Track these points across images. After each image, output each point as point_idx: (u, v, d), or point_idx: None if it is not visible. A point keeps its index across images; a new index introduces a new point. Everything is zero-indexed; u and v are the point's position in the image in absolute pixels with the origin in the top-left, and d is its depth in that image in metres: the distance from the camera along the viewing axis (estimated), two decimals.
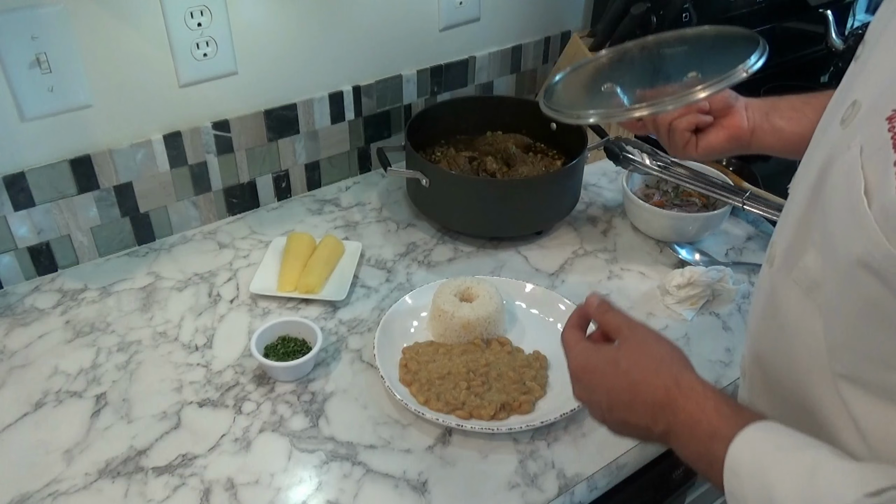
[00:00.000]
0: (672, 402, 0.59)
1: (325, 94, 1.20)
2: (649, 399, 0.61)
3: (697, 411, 0.58)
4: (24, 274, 1.05)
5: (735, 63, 0.82)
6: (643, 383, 0.61)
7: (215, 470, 0.79)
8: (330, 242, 1.08)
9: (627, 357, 0.64)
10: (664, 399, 0.60)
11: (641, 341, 0.65)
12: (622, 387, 0.63)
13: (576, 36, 1.28)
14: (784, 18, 1.70)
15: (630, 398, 0.62)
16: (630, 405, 0.62)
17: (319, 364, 0.92)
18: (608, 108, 0.89)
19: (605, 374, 0.64)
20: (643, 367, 0.62)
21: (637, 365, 0.63)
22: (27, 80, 0.94)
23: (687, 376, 0.60)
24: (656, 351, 0.64)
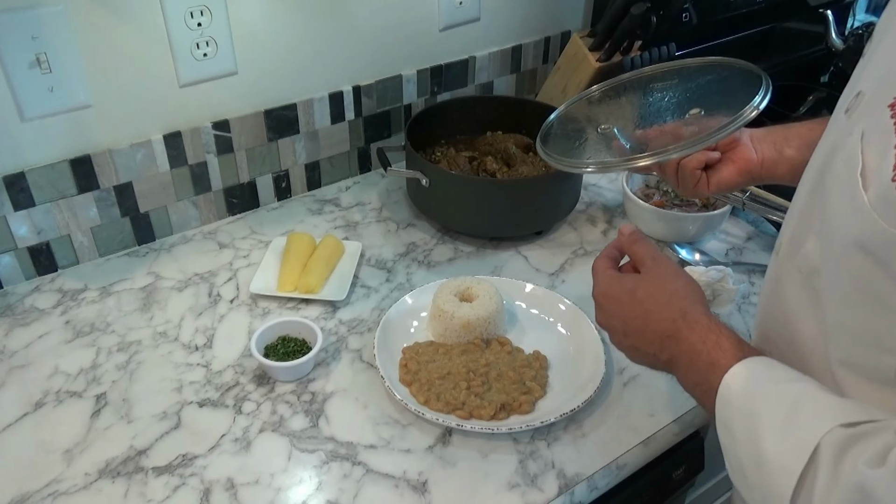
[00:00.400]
0: (677, 332, 0.64)
1: (325, 94, 1.20)
2: (658, 329, 0.65)
3: (699, 343, 0.62)
4: (24, 274, 1.05)
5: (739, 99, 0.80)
6: (654, 313, 0.66)
7: (215, 470, 0.79)
8: (330, 242, 1.08)
9: (644, 288, 0.68)
10: (670, 329, 0.64)
11: (660, 275, 0.69)
12: (636, 315, 0.68)
13: (576, 36, 1.28)
14: (784, 18, 1.70)
15: (642, 326, 0.67)
16: (641, 333, 0.67)
17: (319, 364, 0.92)
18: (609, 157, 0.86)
19: (623, 303, 0.69)
20: (656, 299, 0.67)
21: (651, 297, 0.67)
22: (27, 80, 0.94)
23: (694, 310, 0.65)
24: (671, 285, 0.68)
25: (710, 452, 0.99)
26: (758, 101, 0.80)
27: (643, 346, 0.68)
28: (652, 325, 0.66)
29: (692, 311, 0.65)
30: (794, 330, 0.61)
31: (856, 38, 1.70)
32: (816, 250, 0.57)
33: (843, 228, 0.51)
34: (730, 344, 0.60)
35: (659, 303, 0.67)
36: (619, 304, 0.70)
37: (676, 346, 0.64)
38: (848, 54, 1.71)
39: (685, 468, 0.94)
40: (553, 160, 0.88)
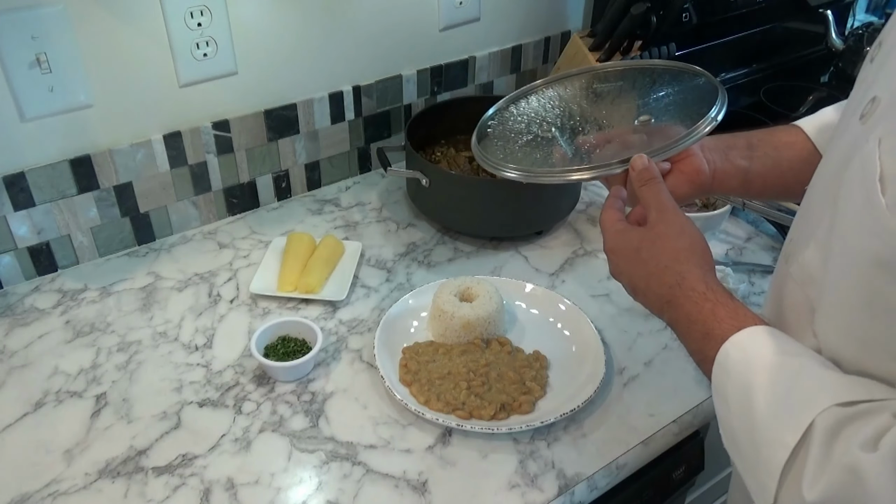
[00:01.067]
0: (674, 299, 0.63)
1: (325, 94, 1.20)
2: (658, 292, 0.65)
3: (694, 312, 0.61)
4: (24, 274, 1.05)
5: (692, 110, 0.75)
6: (654, 276, 0.65)
7: (215, 470, 0.79)
8: (330, 242, 1.08)
9: (648, 247, 0.67)
10: (668, 295, 0.64)
11: (662, 232, 0.67)
12: (640, 275, 0.67)
13: (576, 36, 1.28)
14: (784, 18, 1.69)
15: (645, 287, 0.67)
16: (645, 292, 0.67)
17: (319, 364, 0.92)
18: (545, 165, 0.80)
19: (629, 260, 0.68)
20: (657, 261, 0.66)
21: (653, 257, 0.66)
22: (27, 80, 0.94)
23: (692, 276, 0.63)
24: (673, 244, 0.66)
25: (710, 452, 0.99)
26: (714, 113, 0.75)
27: (649, 304, 0.68)
28: (654, 287, 0.66)
29: (690, 276, 0.63)
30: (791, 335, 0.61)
31: (856, 38, 1.70)
32: (816, 259, 0.56)
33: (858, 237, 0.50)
34: (725, 313, 0.59)
35: (660, 265, 0.65)
36: (626, 262, 0.69)
37: (674, 313, 0.64)
38: (848, 54, 1.71)
39: (685, 468, 0.94)
40: (481, 159, 0.82)
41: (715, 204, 1.14)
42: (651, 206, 0.70)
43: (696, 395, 0.89)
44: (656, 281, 0.65)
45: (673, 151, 0.75)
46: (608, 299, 1.04)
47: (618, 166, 0.74)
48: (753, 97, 1.63)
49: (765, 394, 0.52)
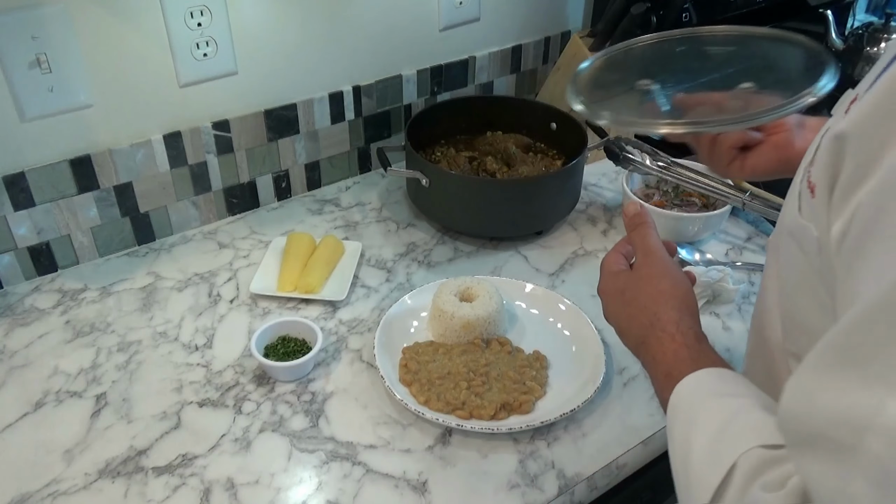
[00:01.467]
0: (646, 339, 0.64)
1: (325, 94, 1.20)
2: (635, 333, 0.66)
3: (659, 353, 0.61)
4: (24, 274, 1.05)
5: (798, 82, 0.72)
6: (634, 317, 0.66)
7: (215, 470, 0.79)
8: (330, 242, 1.08)
9: (631, 289, 0.68)
10: (642, 336, 0.64)
11: (645, 274, 0.68)
12: (623, 315, 0.68)
13: (576, 36, 1.28)
14: (784, 18, 1.69)
15: (626, 326, 0.68)
16: (626, 333, 0.68)
17: (319, 364, 0.92)
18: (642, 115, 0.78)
19: (616, 302, 0.70)
20: (637, 302, 0.66)
21: (635, 299, 0.67)
22: (27, 80, 0.94)
23: (666, 317, 0.63)
24: (654, 287, 0.67)
25: None
26: (820, 86, 0.71)
27: (629, 345, 0.68)
28: (633, 327, 0.66)
29: (663, 317, 0.63)
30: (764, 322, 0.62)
31: (856, 38, 1.70)
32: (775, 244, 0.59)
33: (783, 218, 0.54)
34: (687, 354, 0.60)
35: (639, 305, 0.66)
36: (613, 303, 0.70)
37: (645, 353, 0.64)
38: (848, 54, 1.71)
39: None
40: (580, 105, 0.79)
41: (715, 204, 1.14)
42: (639, 249, 0.71)
43: None
44: (635, 321, 0.66)
45: (767, 118, 0.72)
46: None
47: (714, 125, 0.73)
48: None
49: (702, 433, 0.52)
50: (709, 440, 0.51)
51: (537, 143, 1.28)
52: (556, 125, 1.24)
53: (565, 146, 1.23)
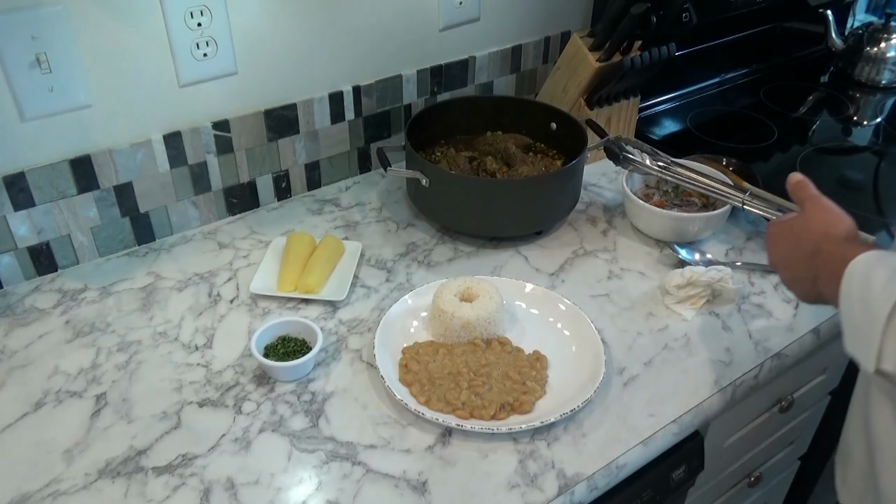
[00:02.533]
0: (819, 249, 0.75)
1: (325, 94, 1.20)
2: (806, 250, 0.77)
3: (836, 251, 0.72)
4: (24, 274, 1.05)
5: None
6: (804, 239, 0.78)
7: (215, 470, 0.79)
8: (330, 242, 1.08)
9: (800, 222, 0.80)
10: (813, 248, 0.76)
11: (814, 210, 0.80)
12: (791, 245, 0.80)
13: (576, 36, 1.28)
14: (784, 18, 1.70)
15: (794, 254, 0.79)
16: (796, 260, 0.79)
17: (319, 364, 0.92)
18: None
19: (783, 237, 0.82)
20: (807, 227, 0.78)
21: (804, 228, 0.79)
22: (27, 80, 0.94)
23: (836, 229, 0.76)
24: (823, 215, 0.79)
25: (710, 452, 0.99)
26: None
27: (797, 270, 0.79)
28: (801, 247, 0.77)
29: (836, 229, 0.76)
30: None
31: (856, 38, 1.70)
32: None
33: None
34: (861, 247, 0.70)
35: (808, 229, 0.78)
36: (781, 240, 0.82)
37: (819, 258, 0.74)
38: (848, 54, 1.71)
39: (685, 468, 0.94)
40: None
41: (715, 204, 1.14)
42: (805, 198, 0.81)
43: (696, 395, 0.89)
44: (804, 241, 0.77)
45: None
46: (608, 299, 1.04)
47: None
48: (753, 97, 1.63)
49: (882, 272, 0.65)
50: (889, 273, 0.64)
51: (537, 143, 1.28)
52: (556, 125, 1.24)
53: (565, 146, 1.23)
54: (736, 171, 1.24)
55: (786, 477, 1.39)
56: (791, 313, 1.02)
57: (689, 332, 0.99)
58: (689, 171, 1.13)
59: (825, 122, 1.56)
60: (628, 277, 1.08)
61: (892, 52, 1.66)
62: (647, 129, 1.47)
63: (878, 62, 1.67)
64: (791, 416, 1.19)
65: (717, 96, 1.63)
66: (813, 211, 0.80)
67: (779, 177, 1.29)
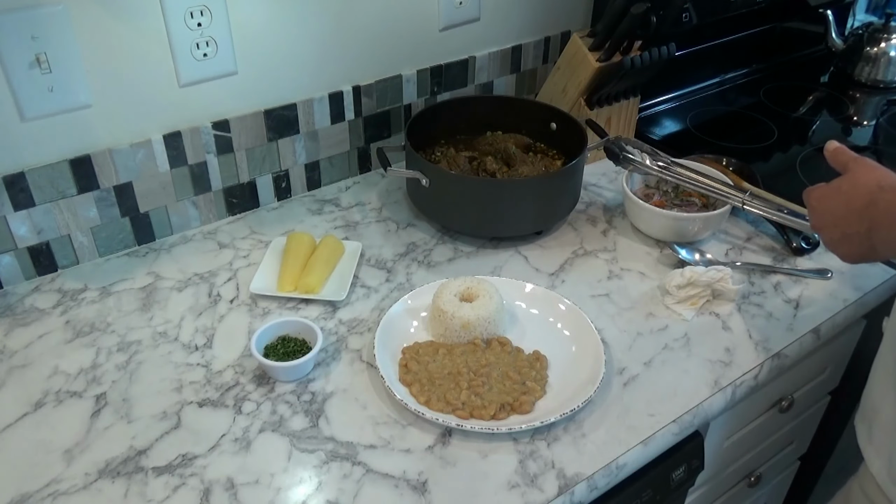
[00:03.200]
0: (874, 200, 0.76)
1: (325, 94, 1.20)
2: (857, 205, 0.77)
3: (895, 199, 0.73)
4: (24, 274, 1.05)
5: None
6: (854, 195, 0.78)
7: (215, 470, 0.80)
8: (330, 242, 1.08)
9: (847, 180, 0.80)
10: (868, 199, 0.76)
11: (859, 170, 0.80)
12: (839, 202, 0.80)
13: (576, 36, 1.28)
14: (784, 18, 1.70)
15: (844, 209, 0.79)
16: (845, 216, 0.79)
17: (319, 364, 0.92)
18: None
19: (829, 197, 0.82)
20: (855, 184, 0.79)
21: (852, 185, 0.79)
22: (27, 80, 0.94)
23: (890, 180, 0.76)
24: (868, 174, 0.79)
25: (710, 452, 0.99)
26: None
27: (848, 226, 0.78)
28: (853, 203, 0.78)
29: (887, 181, 0.76)
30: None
31: (856, 38, 1.70)
32: None
33: None
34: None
35: (857, 185, 0.78)
36: (827, 201, 0.82)
37: (875, 210, 0.75)
38: (848, 54, 1.71)
39: (685, 468, 0.94)
40: None
41: (715, 204, 1.14)
42: (847, 161, 0.82)
43: (696, 395, 0.89)
44: (855, 196, 0.78)
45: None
46: (608, 299, 1.04)
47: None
48: (753, 97, 1.63)
49: None
50: None
51: (537, 143, 1.28)
52: (556, 125, 1.24)
53: (565, 146, 1.23)
54: (736, 171, 1.24)
55: (786, 477, 1.39)
56: (791, 313, 1.02)
57: (689, 332, 0.99)
58: (689, 171, 1.13)
59: (825, 122, 1.56)
60: (628, 277, 1.08)
61: (892, 52, 1.66)
62: (647, 129, 1.47)
63: (878, 62, 1.67)
64: (791, 416, 1.19)
65: (717, 96, 1.63)
66: (860, 168, 0.80)
67: (779, 177, 1.30)
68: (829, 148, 0.85)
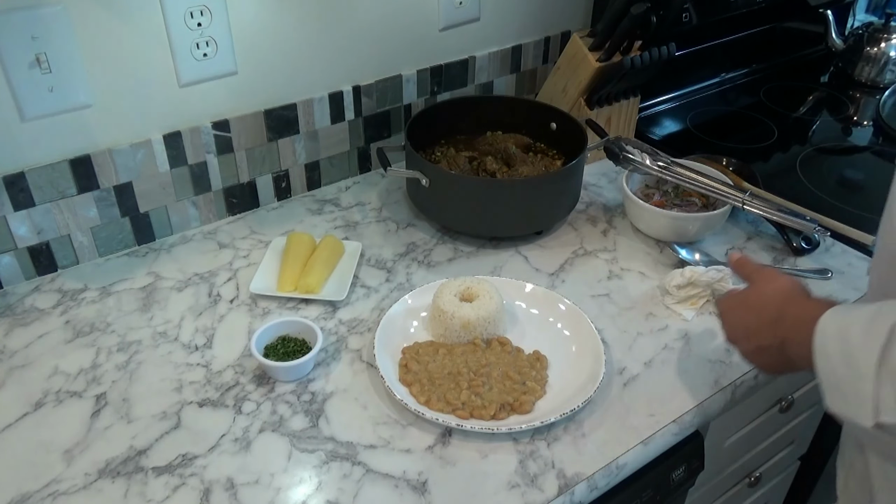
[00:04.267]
0: (783, 313, 0.74)
1: (325, 94, 1.20)
2: (768, 317, 0.76)
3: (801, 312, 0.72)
4: (24, 274, 1.05)
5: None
6: (764, 308, 0.77)
7: (215, 470, 0.80)
8: (330, 242, 1.08)
9: (754, 292, 0.80)
10: (777, 313, 0.75)
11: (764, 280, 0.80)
12: (751, 316, 0.78)
13: (576, 36, 1.28)
14: (784, 18, 1.70)
15: (756, 322, 0.77)
16: (757, 329, 0.77)
17: (319, 364, 0.92)
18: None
19: (739, 310, 0.81)
20: (763, 296, 0.78)
21: (760, 297, 0.79)
22: (27, 80, 0.94)
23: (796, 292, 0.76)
24: (776, 283, 0.79)
25: (710, 452, 0.99)
26: None
27: (762, 340, 0.76)
28: (763, 316, 0.76)
29: (794, 293, 0.76)
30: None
31: (856, 38, 1.70)
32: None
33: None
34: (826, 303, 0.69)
35: (764, 297, 0.78)
36: (737, 313, 0.81)
37: (784, 323, 0.74)
38: (848, 54, 1.71)
39: (685, 468, 0.94)
40: None
41: (715, 204, 1.14)
42: (751, 273, 0.83)
43: (696, 395, 0.89)
44: (765, 310, 0.76)
45: None
46: (608, 299, 1.04)
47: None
48: (753, 97, 1.63)
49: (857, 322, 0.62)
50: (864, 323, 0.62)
51: (537, 143, 1.28)
52: (556, 125, 1.24)
53: (565, 146, 1.23)
54: (736, 171, 1.24)
55: (786, 477, 1.39)
56: None
57: (690, 332, 0.99)
58: (689, 171, 1.13)
59: (825, 122, 1.56)
60: (628, 277, 1.08)
61: (892, 52, 1.66)
62: (647, 129, 1.47)
63: (878, 62, 1.67)
64: (791, 416, 1.19)
65: (717, 96, 1.63)
66: (764, 280, 0.80)
67: (779, 177, 1.30)
68: (731, 260, 0.86)
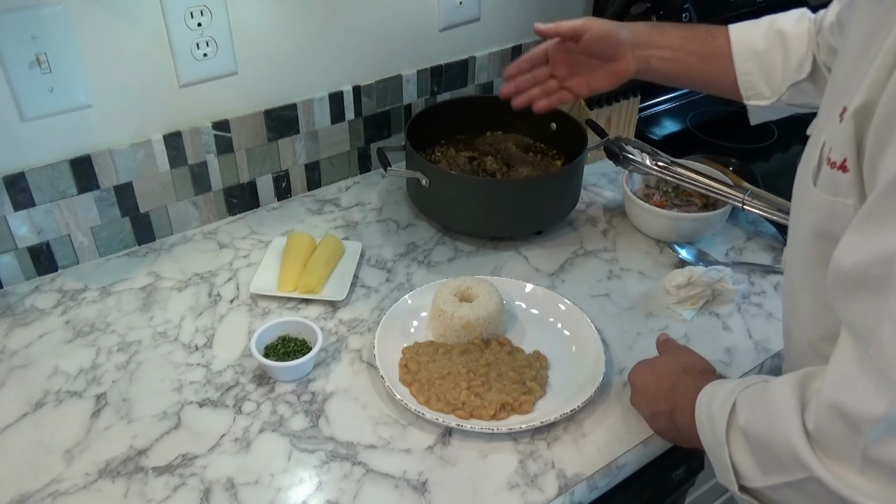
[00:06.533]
0: (676, 382, 0.79)
1: (325, 94, 1.20)
2: (664, 385, 0.81)
3: (693, 383, 0.76)
4: (24, 274, 1.05)
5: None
6: (664, 376, 0.82)
7: (215, 470, 0.80)
8: (330, 242, 1.08)
9: (661, 360, 0.85)
10: (672, 382, 0.80)
11: (675, 351, 0.87)
12: (651, 381, 0.83)
13: None
14: None
15: (654, 389, 0.82)
16: (655, 394, 0.82)
17: (319, 364, 0.92)
18: None
19: (645, 374, 0.85)
20: (667, 365, 0.83)
21: (664, 365, 0.84)
22: (27, 80, 0.94)
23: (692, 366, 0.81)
24: (679, 356, 0.85)
25: None
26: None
27: (656, 405, 0.81)
28: (661, 383, 0.81)
29: (695, 367, 0.82)
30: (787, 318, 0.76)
31: None
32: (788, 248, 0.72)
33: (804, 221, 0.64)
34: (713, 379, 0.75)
35: (668, 366, 0.83)
36: (640, 378, 0.85)
37: (675, 392, 0.78)
38: None
39: (685, 468, 0.94)
40: None
41: (715, 204, 1.14)
42: (668, 347, 0.89)
43: None
44: (664, 377, 0.81)
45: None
46: (608, 299, 1.04)
47: None
48: None
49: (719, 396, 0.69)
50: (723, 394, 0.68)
51: (537, 143, 1.28)
52: (556, 125, 1.24)
53: (565, 146, 1.23)
54: (736, 171, 1.24)
55: None
56: None
57: (690, 332, 0.99)
58: (689, 171, 1.13)
59: None
60: (628, 277, 1.08)
61: None
62: (647, 129, 1.47)
63: None
64: None
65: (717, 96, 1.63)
66: (675, 353, 0.86)
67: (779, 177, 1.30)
68: (659, 340, 0.90)
